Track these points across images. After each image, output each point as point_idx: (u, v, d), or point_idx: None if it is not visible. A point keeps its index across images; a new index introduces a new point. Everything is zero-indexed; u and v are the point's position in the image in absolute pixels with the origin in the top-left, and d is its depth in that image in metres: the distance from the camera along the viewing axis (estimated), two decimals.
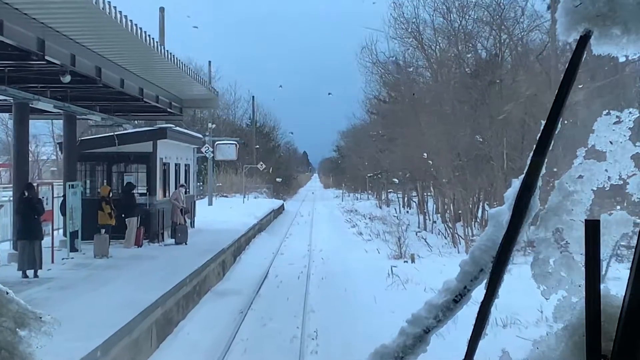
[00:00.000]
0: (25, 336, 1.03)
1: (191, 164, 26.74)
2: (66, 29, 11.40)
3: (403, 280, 17.98)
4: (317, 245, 29.06)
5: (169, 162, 22.94)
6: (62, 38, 11.58)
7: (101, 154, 21.09)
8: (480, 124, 29.92)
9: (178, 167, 24.59)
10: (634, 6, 0.98)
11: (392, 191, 60.24)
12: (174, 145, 23.22)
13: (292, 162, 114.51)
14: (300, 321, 14.51)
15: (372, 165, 55.31)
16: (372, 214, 46.53)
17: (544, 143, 1.05)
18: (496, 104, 29.47)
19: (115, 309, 10.80)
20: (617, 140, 1.07)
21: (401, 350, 1.06)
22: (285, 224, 41.62)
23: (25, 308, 1.04)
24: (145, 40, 13.49)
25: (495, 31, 31.72)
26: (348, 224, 40.72)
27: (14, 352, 1.01)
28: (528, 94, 26.64)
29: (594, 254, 1.00)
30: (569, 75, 1.03)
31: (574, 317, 1.06)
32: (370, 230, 33.71)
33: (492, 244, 1.07)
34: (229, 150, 33.72)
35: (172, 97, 19.75)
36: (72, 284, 13.55)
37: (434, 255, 24.49)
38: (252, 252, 26.02)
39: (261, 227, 34.09)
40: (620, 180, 1.07)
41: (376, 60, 43.70)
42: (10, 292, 1.04)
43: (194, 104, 21.21)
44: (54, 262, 16.15)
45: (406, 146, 34.77)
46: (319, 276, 20.49)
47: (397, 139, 40.46)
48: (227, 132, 71.40)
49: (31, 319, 1.04)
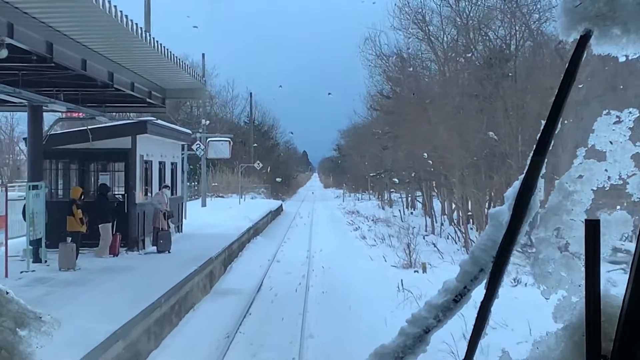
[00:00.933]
0: (25, 336, 1.04)
1: (178, 162, 24.31)
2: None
3: (416, 296, 15.48)
4: (317, 250, 26.63)
5: (152, 159, 20.51)
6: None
7: (73, 151, 18.68)
8: (494, 119, 27.58)
9: (163, 166, 22.17)
10: (634, 6, 0.98)
11: (394, 191, 57.86)
12: (157, 141, 20.80)
13: (292, 162, 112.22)
14: (297, 350, 12.12)
15: (374, 164, 52.85)
16: (375, 215, 44.09)
17: (544, 143, 1.05)
18: (511, 98, 27.14)
19: (56, 347, 8.40)
20: (617, 140, 1.08)
21: (401, 350, 1.05)
22: (284, 226, 39.13)
23: (25, 308, 1.05)
24: (112, 13, 11.10)
25: (509, 19, 29.28)
26: (350, 226, 38.26)
27: (14, 352, 1.02)
28: (547, 87, 24.22)
29: (594, 254, 1.00)
30: (569, 75, 1.04)
31: (574, 317, 1.07)
32: (375, 234, 31.26)
33: (492, 244, 1.07)
34: (222, 147, 31.05)
35: (152, 86, 17.33)
36: None
37: (447, 263, 22.08)
38: (246, 259, 23.59)
39: (257, 231, 31.66)
40: (620, 180, 1.07)
41: (380, 53, 41.33)
42: (10, 292, 1.05)
43: (179, 94, 18.77)
44: (8, 277, 13.74)
45: (412, 143, 32.36)
46: (319, 289, 18.09)
47: (401, 136, 38.09)
48: (224, 130, 69.04)
49: (31, 319, 1.05)
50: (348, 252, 25.74)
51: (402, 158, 40.51)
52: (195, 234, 23.99)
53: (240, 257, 23.85)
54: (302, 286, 18.50)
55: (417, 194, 52.21)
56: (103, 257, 17.05)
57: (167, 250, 18.74)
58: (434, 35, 35.62)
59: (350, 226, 38.20)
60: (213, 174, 56.04)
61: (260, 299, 17.01)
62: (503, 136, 26.53)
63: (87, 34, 12.00)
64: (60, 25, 10.83)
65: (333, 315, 14.53)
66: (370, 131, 52.36)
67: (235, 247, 23.65)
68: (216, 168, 56.14)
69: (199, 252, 18.58)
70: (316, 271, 21.26)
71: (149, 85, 17.00)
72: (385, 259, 23.16)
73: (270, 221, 39.81)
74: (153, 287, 13.16)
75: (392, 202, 57.75)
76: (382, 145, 43.51)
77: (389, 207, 55.61)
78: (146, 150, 19.59)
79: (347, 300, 15.99)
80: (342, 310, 14.87)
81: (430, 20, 35.45)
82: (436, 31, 35.42)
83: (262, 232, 33.37)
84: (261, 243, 29.00)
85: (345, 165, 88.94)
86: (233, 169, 56.56)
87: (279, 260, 24.07)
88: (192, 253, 18.46)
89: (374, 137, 46.56)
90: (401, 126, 36.68)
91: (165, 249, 18.74)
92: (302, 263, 23.34)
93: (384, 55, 40.99)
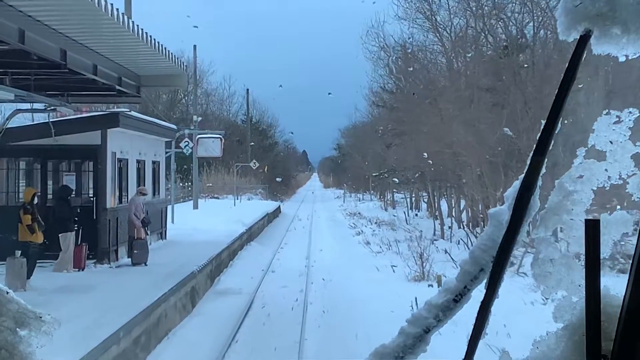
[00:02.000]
0: (25, 336, 1.04)
1: (162, 160, 21.71)
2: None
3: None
4: (317, 259, 24.07)
5: (127, 158, 17.94)
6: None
7: (33, 148, 16.13)
8: (512, 113, 25.06)
9: (142, 165, 19.59)
10: (634, 6, 0.98)
11: (395, 191, 55.32)
12: (134, 137, 18.24)
13: (291, 161, 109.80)
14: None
15: (376, 164, 50.26)
16: (378, 217, 41.40)
17: (544, 143, 1.06)
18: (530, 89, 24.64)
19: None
20: (617, 140, 1.09)
21: (401, 350, 1.05)
22: (281, 230, 36.45)
23: (25, 308, 1.05)
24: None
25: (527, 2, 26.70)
26: (352, 230, 35.62)
27: (14, 352, 1.02)
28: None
29: (594, 253, 1.01)
30: (569, 75, 1.04)
31: (574, 316, 1.07)
32: (380, 240, 28.62)
33: (492, 244, 1.07)
34: (212, 145, 28.27)
35: (123, 72, 14.75)
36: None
37: None
38: (237, 270, 21.02)
39: (252, 236, 29.07)
40: (620, 179, 1.08)
41: (383, 44, 38.74)
42: (10, 292, 1.05)
43: (156, 81, 16.16)
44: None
45: (420, 140, 29.81)
46: (319, 307, 15.54)
47: (407, 133, 35.56)
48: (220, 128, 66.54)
49: (31, 319, 1.05)
50: (351, 260, 23.20)
51: (407, 156, 38.01)
52: (181, 241, 21.46)
53: (231, 267, 21.29)
54: (299, 304, 15.96)
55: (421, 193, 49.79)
56: (64, 271, 14.49)
57: (143, 262, 16.19)
58: (442, 25, 33.06)
59: (352, 229, 35.59)
60: (208, 174, 53.45)
61: (250, 320, 14.48)
62: (521, 131, 24.05)
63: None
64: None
65: (336, 347, 11.95)
66: (373, 129, 49.83)
67: (225, 255, 21.10)
68: (211, 168, 53.54)
69: (179, 265, 16.04)
70: (316, 284, 18.71)
71: (119, 70, 14.41)
72: (393, 270, 20.65)
73: (266, 224, 37.24)
74: (114, 314, 10.62)
75: (395, 203, 55.21)
76: (385, 143, 40.95)
77: (392, 208, 53.06)
78: (120, 147, 17.02)
79: (353, 323, 13.44)
80: (347, 339, 12.26)
81: (438, 10, 32.92)
82: (444, 21, 32.88)
83: (257, 236, 30.81)
84: (255, 250, 26.41)
85: (346, 164, 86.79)
86: (229, 169, 53.94)
87: (274, 270, 21.52)
88: (172, 266, 15.93)
89: (376, 134, 43.97)
90: (407, 122, 34.15)
91: (141, 261, 16.19)
92: (300, 273, 20.80)
93: (387, 46, 38.39)
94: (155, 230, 20.61)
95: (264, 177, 60.60)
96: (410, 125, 33.28)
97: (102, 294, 12.45)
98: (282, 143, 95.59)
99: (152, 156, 20.60)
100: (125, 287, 13.13)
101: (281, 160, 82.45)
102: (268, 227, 36.87)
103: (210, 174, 53.32)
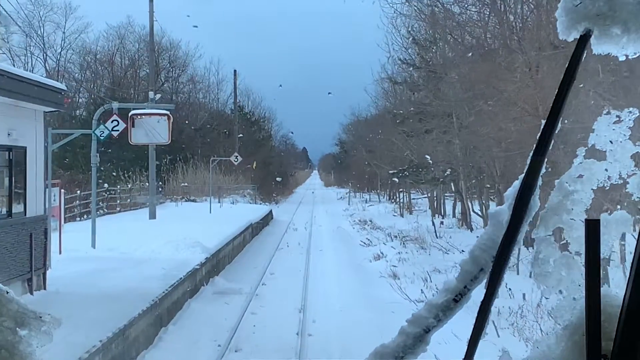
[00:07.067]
0: (25, 336, 1.03)
1: (31, 146, 11.75)
2: None
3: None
4: (316, 312, 14.48)
5: None
6: None
7: None
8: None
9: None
10: (634, 6, 0.98)
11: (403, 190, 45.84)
12: None
13: (289, 157, 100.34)
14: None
15: (390, 159, 40.64)
16: (396, 227, 31.54)
17: (544, 143, 1.04)
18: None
19: None
20: (617, 140, 1.07)
21: (401, 350, 1.03)
22: (268, 249, 26.33)
23: (25, 308, 1.04)
24: None
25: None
26: (366, 249, 25.80)
27: (14, 352, 1.01)
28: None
29: (594, 253, 0.99)
30: (569, 74, 1.03)
31: (574, 316, 1.05)
32: (412, 272, 18.89)
33: (492, 244, 1.06)
34: (157, 127, 17.88)
35: None
36: None
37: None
38: (164, 355, 11.36)
39: (217, 267, 19.29)
40: (620, 179, 1.07)
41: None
42: (10, 292, 1.03)
43: None
44: None
45: (472, 125, 20.25)
46: None
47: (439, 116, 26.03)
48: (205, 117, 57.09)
49: (31, 319, 1.04)
50: (377, 318, 13.56)
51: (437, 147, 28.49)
52: (71, 291, 11.87)
53: (155, 347, 11.60)
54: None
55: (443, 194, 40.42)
56: None
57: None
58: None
59: (366, 249, 25.81)
60: (184, 172, 43.77)
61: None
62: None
63: None
64: None
65: None
66: (386, 117, 40.26)
67: (142, 328, 11.38)
68: (188, 163, 43.82)
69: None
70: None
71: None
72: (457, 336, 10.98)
73: (249, 240, 27.47)
74: None
75: (412, 206, 45.62)
76: (407, 132, 31.30)
77: (409, 213, 43.44)
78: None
79: None
80: None
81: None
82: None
83: (228, 264, 21.07)
84: (214, 297, 16.45)
85: (349, 161, 77.46)
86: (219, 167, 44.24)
87: (239, 348, 11.86)
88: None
89: (394, 121, 34.28)
90: (443, 102, 24.58)
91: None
92: (290, 351, 11.23)
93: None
94: (16, 276, 11.03)
95: (255, 176, 50.87)
96: (449, 104, 23.73)
97: None
98: (279, 138, 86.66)
99: (9, 139, 10.94)
100: None
101: (276, 156, 72.87)
102: (250, 244, 27.08)
103: (186, 172, 43.59)
